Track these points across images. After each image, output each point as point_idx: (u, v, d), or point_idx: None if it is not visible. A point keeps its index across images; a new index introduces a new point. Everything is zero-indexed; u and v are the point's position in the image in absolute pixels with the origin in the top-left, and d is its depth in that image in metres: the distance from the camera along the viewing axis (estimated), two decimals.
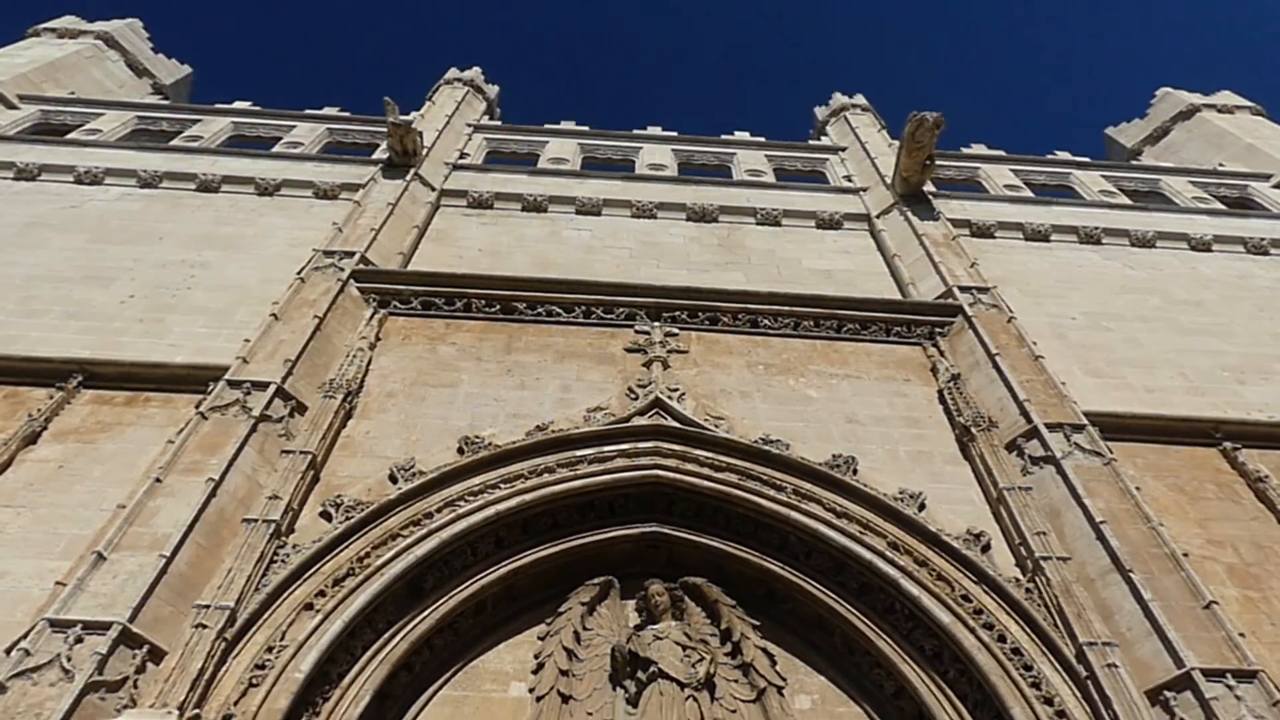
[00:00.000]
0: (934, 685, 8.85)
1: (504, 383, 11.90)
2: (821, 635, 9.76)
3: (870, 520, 9.86)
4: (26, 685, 7.15)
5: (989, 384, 12.05)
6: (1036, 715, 8.06)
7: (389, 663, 8.79)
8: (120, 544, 8.52)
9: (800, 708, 9.23)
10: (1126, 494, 10.26)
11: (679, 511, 10.43)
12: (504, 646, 9.64)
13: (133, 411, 11.21)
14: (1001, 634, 8.75)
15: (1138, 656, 8.43)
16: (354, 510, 9.46)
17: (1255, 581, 10.10)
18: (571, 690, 9.21)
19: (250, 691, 7.80)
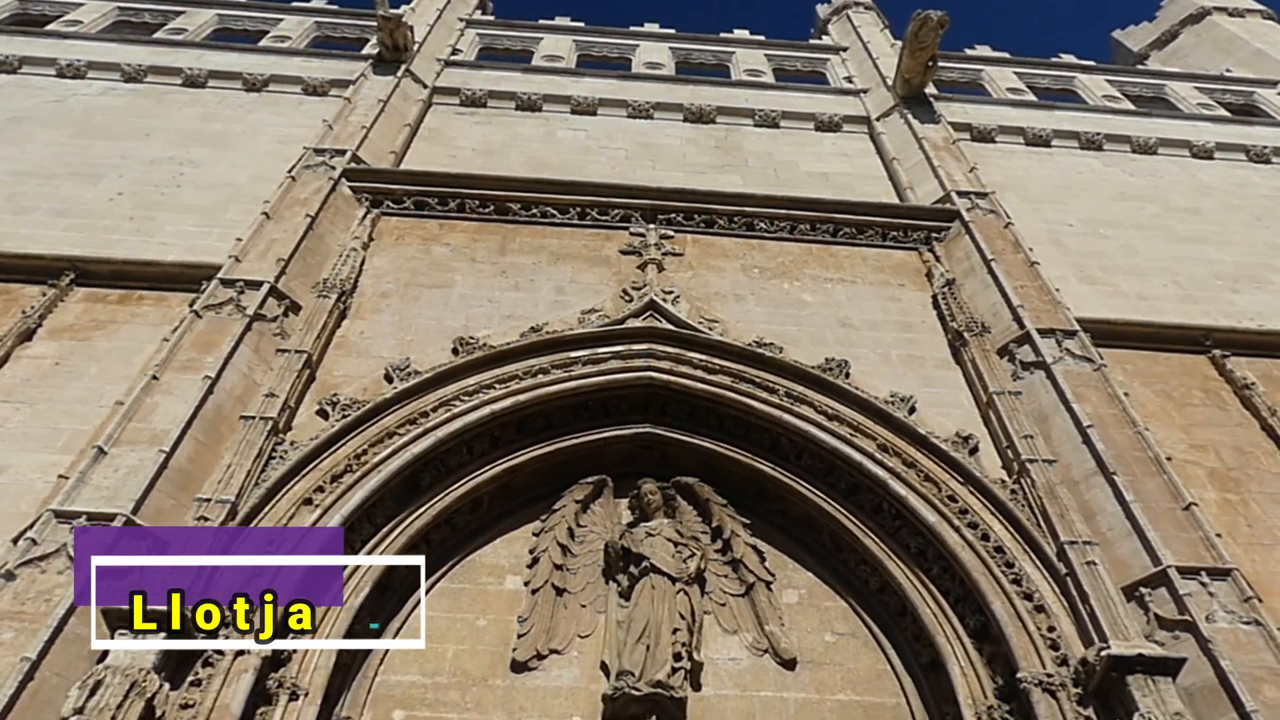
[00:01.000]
0: (918, 581, 9.11)
1: (498, 284, 11.88)
2: (810, 533, 10.00)
3: (861, 423, 9.99)
4: (35, 573, 7.32)
5: (983, 289, 12.08)
6: (1015, 609, 8.32)
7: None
8: (120, 439, 8.61)
9: (788, 601, 9.52)
10: (1114, 399, 10.40)
11: (672, 413, 10.56)
12: (500, 542, 9.86)
13: (126, 310, 11.19)
14: (985, 533, 8.96)
15: (1117, 555, 8.67)
16: (350, 409, 9.55)
17: (1235, 485, 10.33)
18: (566, 584, 9.47)
19: None
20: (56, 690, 6.63)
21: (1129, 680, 7.44)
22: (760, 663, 8.98)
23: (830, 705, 8.69)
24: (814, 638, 9.26)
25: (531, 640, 8.91)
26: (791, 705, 8.66)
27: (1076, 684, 7.74)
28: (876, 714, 8.66)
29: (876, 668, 9.03)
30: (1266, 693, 7.54)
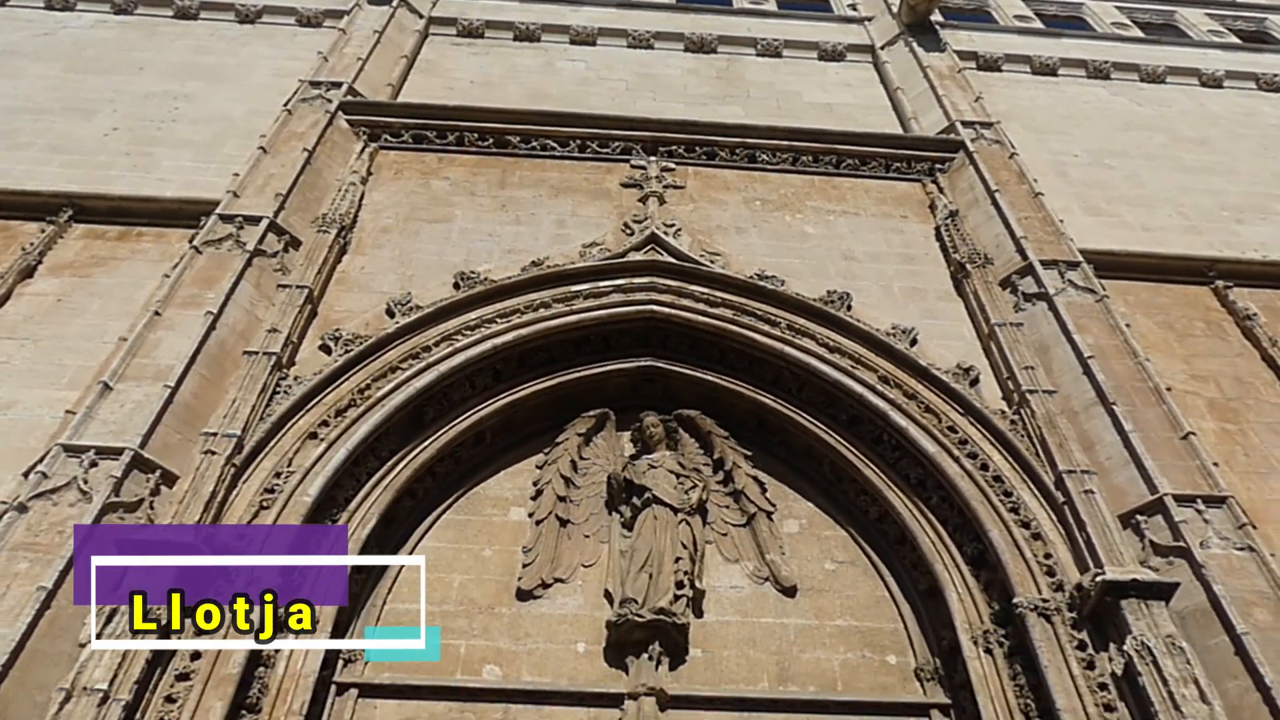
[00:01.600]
0: (917, 510, 9.23)
1: (498, 218, 11.81)
2: (811, 464, 10.10)
3: (862, 355, 10.02)
4: (47, 505, 7.43)
5: (987, 221, 12.01)
6: (1013, 536, 8.45)
7: (393, 489, 9.11)
8: (125, 374, 8.66)
9: (788, 531, 9.66)
10: (1116, 330, 10.41)
11: (674, 346, 10.58)
12: (503, 475, 9.98)
13: (126, 246, 11.15)
14: (984, 463, 9.05)
15: (1114, 484, 8.77)
16: (353, 344, 9.57)
17: (1233, 415, 10.39)
18: (569, 515, 9.60)
19: (261, 514, 8.10)
20: (73, 619, 6.77)
21: (1123, 604, 7.57)
22: (761, 590, 9.16)
23: (829, 630, 8.88)
24: (814, 566, 9.41)
25: (536, 570, 9.07)
26: (791, 631, 8.85)
27: (1071, 609, 7.88)
28: (874, 639, 8.85)
29: (875, 594, 9.20)
30: (1257, 615, 7.69)
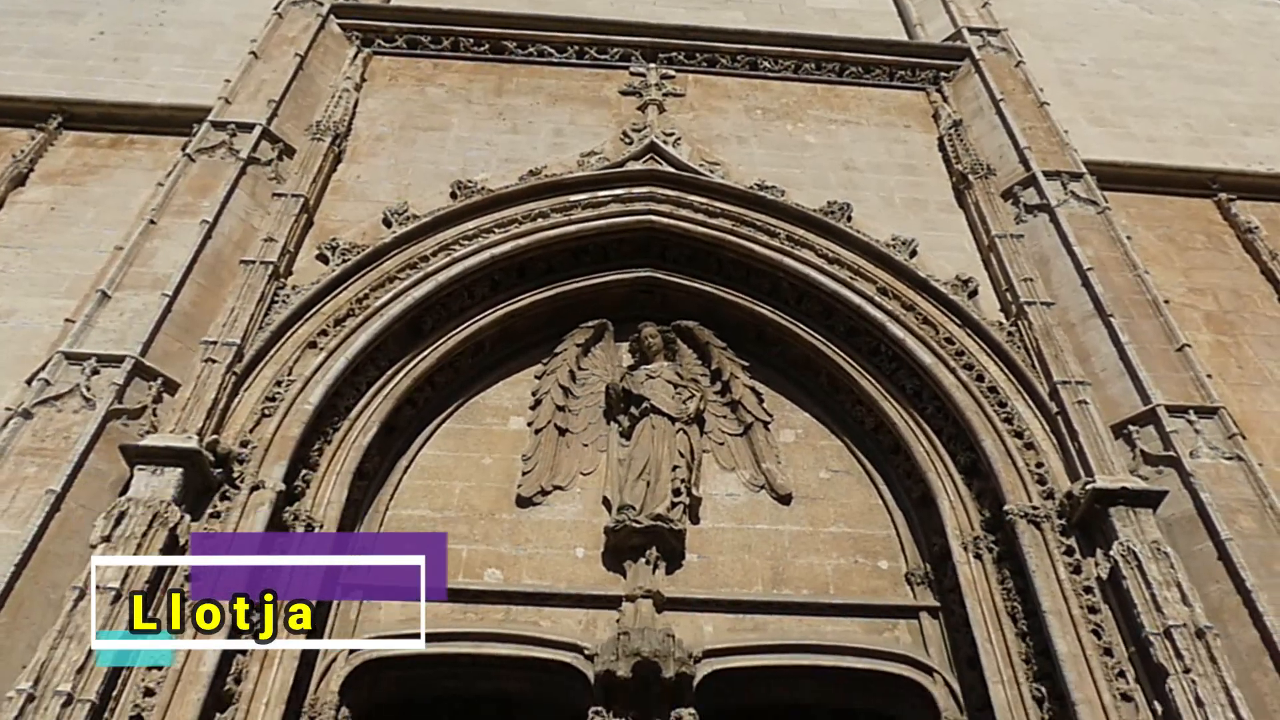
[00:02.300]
0: (911, 420, 9.34)
1: (495, 126, 11.63)
2: (808, 375, 10.17)
3: (862, 266, 9.99)
4: (51, 412, 7.51)
5: (990, 131, 11.83)
6: (1005, 446, 8.57)
7: (393, 397, 9.19)
8: (122, 283, 8.66)
9: (784, 441, 9.79)
10: (1116, 242, 10.37)
11: (672, 257, 10.55)
12: (503, 384, 10.05)
13: (118, 154, 11.02)
14: (980, 374, 9.12)
15: (1108, 395, 8.85)
16: (350, 253, 9.53)
17: (1230, 328, 10.43)
18: (568, 424, 9.71)
19: (264, 421, 8.19)
20: (83, 521, 6.91)
21: (1111, 512, 7.72)
22: (757, 498, 9.32)
23: (823, 537, 9.08)
24: (809, 475, 9.57)
25: (535, 477, 9.22)
26: (786, 537, 9.05)
27: (1060, 516, 8.04)
28: (867, 545, 9.05)
29: (869, 502, 9.37)
30: (1242, 522, 7.86)
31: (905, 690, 8.16)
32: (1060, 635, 7.29)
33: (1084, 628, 7.34)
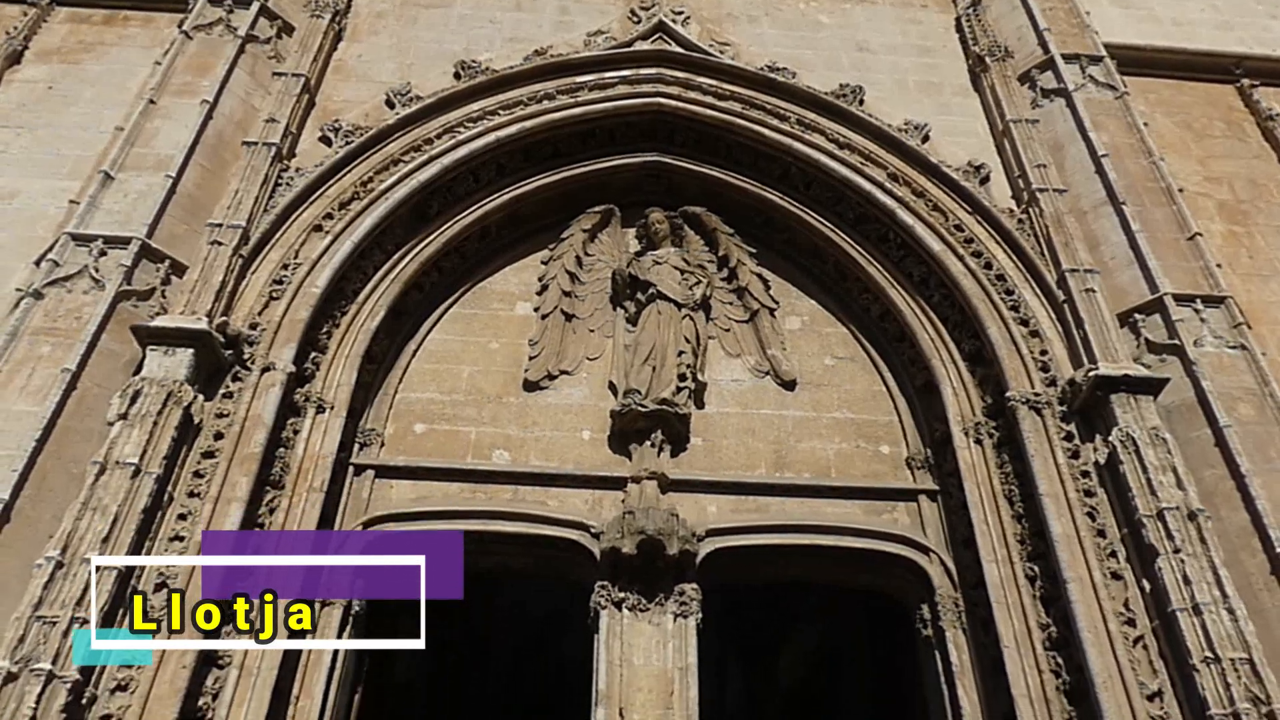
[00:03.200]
0: (918, 308, 9.35)
1: (499, 3, 11.28)
2: (815, 262, 10.14)
3: (872, 151, 9.83)
4: (62, 293, 7.56)
5: (1010, 11, 11.44)
6: (1010, 333, 8.60)
7: (400, 281, 9.21)
8: (125, 164, 8.58)
9: (790, 328, 9.84)
10: (1133, 129, 10.17)
11: (680, 141, 10.37)
12: (509, 270, 10.05)
13: (113, 31, 10.76)
14: (989, 261, 9.07)
15: (1116, 283, 8.82)
16: (353, 135, 9.39)
17: (1243, 217, 10.30)
18: (574, 310, 9.75)
19: (271, 304, 8.24)
20: (99, 400, 7.05)
21: (1112, 399, 7.80)
22: (761, 384, 9.42)
23: (826, 422, 9.21)
24: (814, 361, 9.64)
25: (542, 362, 9.31)
26: (790, 422, 9.18)
27: (1062, 403, 8.13)
28: (870, 430, 9.19)
29: (872, 389, 9.47)
30: (1240, 410, 7.95)
31: (902, 569, 8.42)
32: (1055, 517, 7.47)
33: (1079, 510, 7.51)
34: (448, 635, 13.03)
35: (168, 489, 6.87)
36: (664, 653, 7.62)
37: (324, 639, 7.38)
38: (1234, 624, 6.55)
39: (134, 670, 6.17)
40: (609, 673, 7.50)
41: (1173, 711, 6.54)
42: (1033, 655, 7.19)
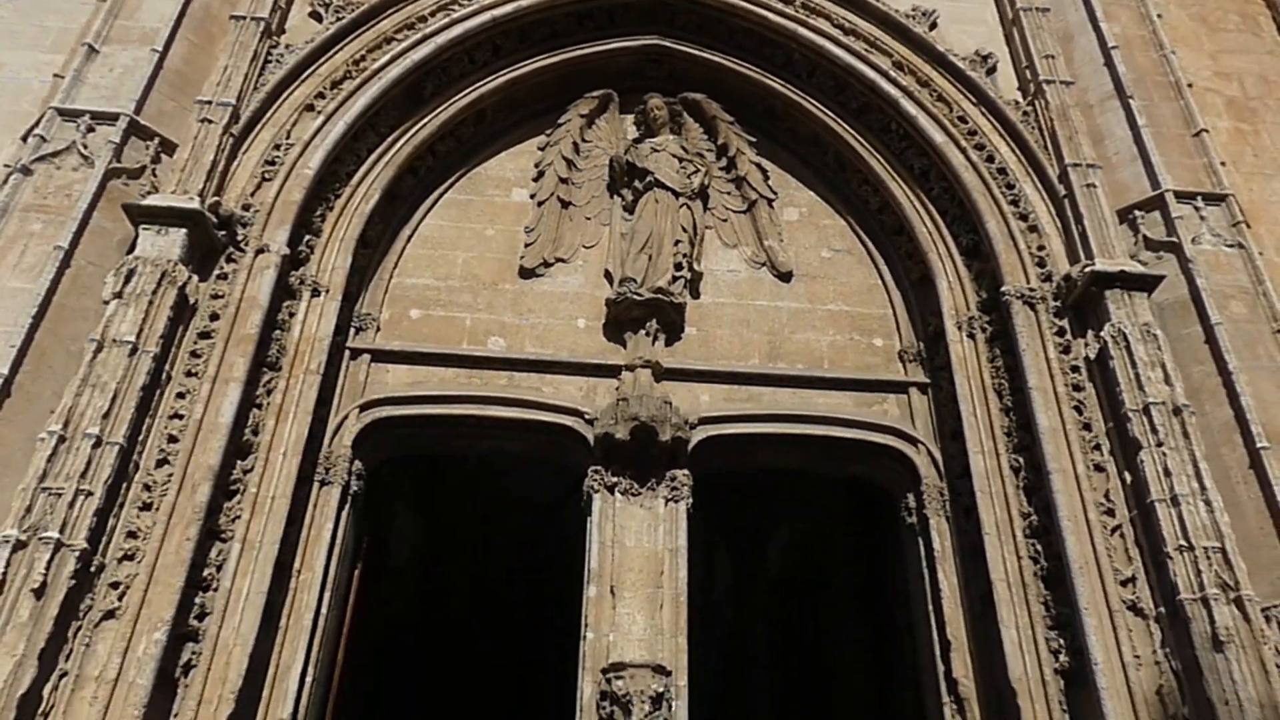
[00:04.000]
0: (917, 201, 9.27)
1: None
2: (815, 153, 9.99)
3: (878, 38, 9.56)
4: (51, 169, 7.46)
5: None
6: (1009, 228, 8.55)
7: (394, 165, 9.07)
8: (109, 37, 8.36)
9: (788, 219, 9.77)
10: (1146, 20, 9.92)
11: (681, 24, 10.05)
12: (505, 155, 9.89)
13: None
14: (991, 154, 8.94)
15: (1118, 179, 8.74)
16: (344, 10, 9.10)
17: (1251, 115, 10.12)
18: (571, 197, 9.64)
19: (264, 185, 8.13)
20: (93, 278, 7.03)
21: (1106, 295, 7.82)
22: (757, 275, 9.41)
23: (821, 314, 9.25)
24: (811, 253, 9.61)
25: (538, 249, 9.27)
26: (784, 314, 9.21)
27: (1056, 298, 8.15)
28: (863, 323, 9.24)
29: (868, 282, 9.48)
30: (1233, 308, 7.99)
31: (890, 459, 8.60)
32: (1043, 410, 7.59)
33: (1066, 404, 7.63)
34: (446, 522, 13.39)
35: (165, 368, 6.92)
36: (655, 535, 7.83)
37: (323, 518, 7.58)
38: (1210, 515, 6.74)
39: (139, 541, 6.34)
40: (601, 553, 7.72)
41: (1144, 595, 6.78)
42: (1013, 542, 7.41)
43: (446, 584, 14.86)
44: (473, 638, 15.18)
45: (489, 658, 15.27)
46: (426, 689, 13.97)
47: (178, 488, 6.56)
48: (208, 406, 6.92)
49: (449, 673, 14.69)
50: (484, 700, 14.89)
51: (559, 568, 10.20)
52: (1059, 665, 6.85)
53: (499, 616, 15.38)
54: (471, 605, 15.16)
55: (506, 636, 15.38)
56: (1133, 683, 6.46)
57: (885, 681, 9.51)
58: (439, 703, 14.27)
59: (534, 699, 14.45)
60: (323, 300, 8.13)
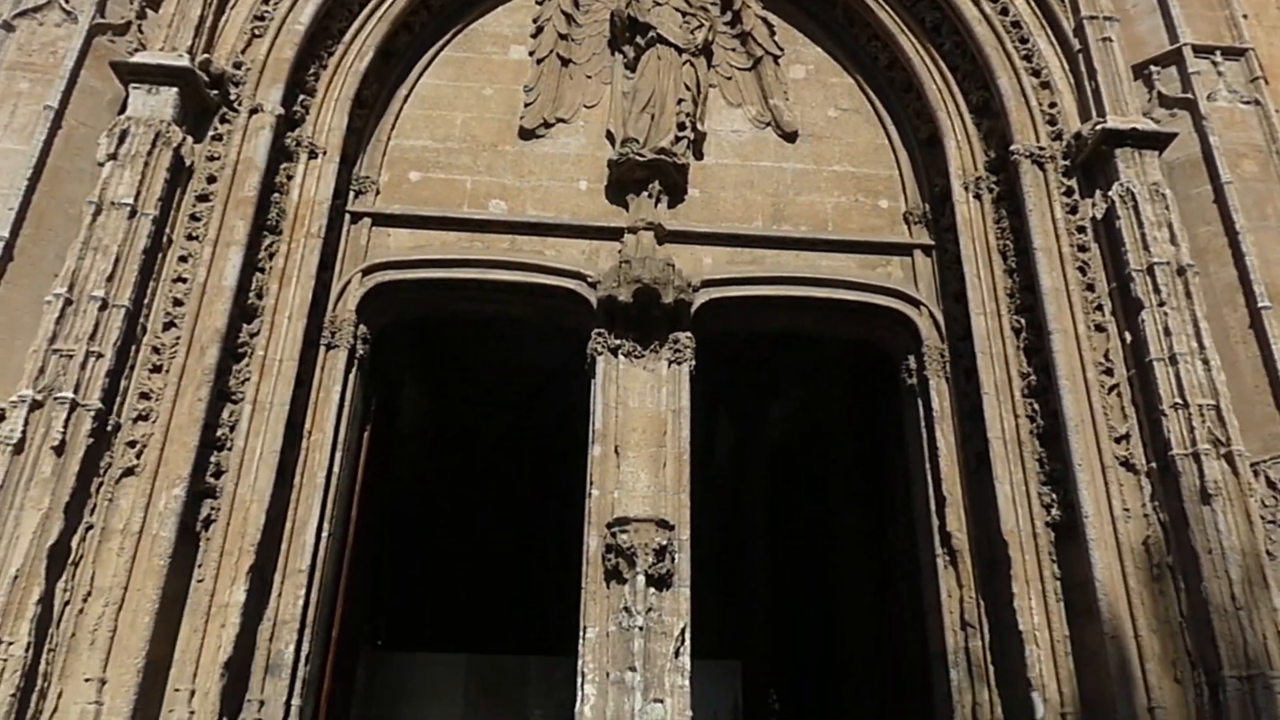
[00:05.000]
0: (927, 56, 8.99)
1: None
2: (823, 7, 9.62)
3: None
4: (33, 25, 7.23)
5: None
6: (1021, 84, 8.33)
7: (388, 20, 8.75)
8: None
9: (794, 77, 9.50)
10: None
11: None
12: (502, 10, 9.53)
13: None
14: (1005, 7, 8.62)
15: (1135, 32, 8.48)
16: None
17: None
18: (571, 54, 9.34)
19: (255, 42, 7.89)
20: (86, 139, 6.91)
21: (1117, 153, 7.69)
22: (762, 135, 9.22)
23: (826, 175, 9.11)
24: (817, 113, 9.39)
25: (538, 109, 9.05)
26: (789, 175, 9.07)
27: (1066, 157, 8.02)
28: (869, 184, 9.11)
29: (875, 142, 9.29)
30: (1244, 167, 7.89)
31: (893, 322, 8.65)
32: (1047, 271, 7.58)
33: (1071, 265, 7.62)
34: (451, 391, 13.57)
35: (166, 231, 6.88)
36: (658, 396, 7.95)
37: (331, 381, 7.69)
38: (1206, 373, 6.83)
39: (153, 402, 6.45)
40: (605, 414, 7.86)
41: (1137, 452, 6.94)
42: (1010, 402, 7.54)
43: (452, 451, 15.19)
44: (478, 502, 15.62)
45: (494, 520, 15.76)
46: (432, 554, 14.48)
47: (186, 350, 6.63)
48: (210, 270, 6.92)
49: (455, 537, 15.20)
50: (490, 561, 15.46)
51: (564, 432, 10.41)
52: (1050, 519, 7.08)
53: (503, 481, 15.78)
54: (476, 471, 15.52)
55: (511, 501, 15.83)
56: (1120, 534, 6.69)
57: (880, 539, 9.82)
58: (445, 563, 14.82)
59: (539, 558, 15.00)
60: (320, 162, 8.01)
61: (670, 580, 7.24)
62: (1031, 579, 6.97)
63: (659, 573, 7.17)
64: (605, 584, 7.24)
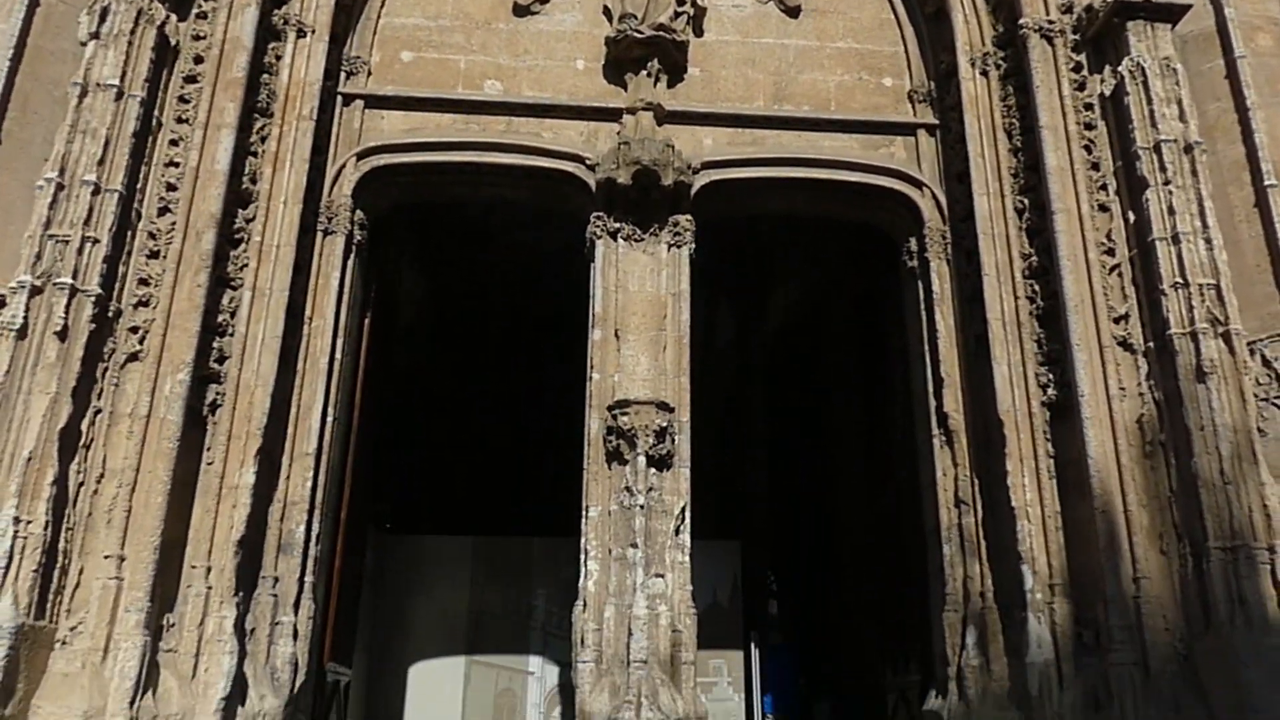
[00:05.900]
0: None
1: None
2: None
3: None
4: None
5: None
6: None
7: None
8: None
9: None
10: None
11: None
12: None
13: None
14: None
15: None
16: None
17: None
18: None
19: None
20: (66, 18, 6.71)
21: (1128, 26, 7.47)
22: (764, 10, 8.93)
23: (829, 52, 8.87)
24: None
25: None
26: (791, 52, 8.83)
27: (1075, 31, 7.79)
28: (873, 61, 8.88)
29: (880, 17, 9.01)
30: (1259, 40, 7.69)
31: (894, 203, 8.55)
32: (1052, 150, 7.45)
33: (1076, 143, 7.49)
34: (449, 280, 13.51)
35: (155, 114, 6.75)
36: (658, 279, 7.93)
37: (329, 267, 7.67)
38: (1209, 252, 6.80)
39: (152, 288, 6.45)
40: (605, 298, 7.86)
41: (1135, 332, 6.97)
42: (1011, 283, 7.52)
43: (451, 340, 15.22)
44: (476, 393, 15.75)
45: (494, 409, 15.93)
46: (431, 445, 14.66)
47: (182, 235, 6.59)
48: (203, 153, 6.80)
49: (455, 427, 15.38)
50: (490, 451, 15.69)
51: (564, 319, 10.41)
52: (1046, 398, 7.16)
53: (502, 370, 15.87)
54: (475, 361, 15.59)
55: (510, 391, 15.95)
56: (1115, 413, 6.77)
57: (879, 421, 9.94)
58: (445, 454, 15.04)
59: (539, 445, 15.22)
60: (309, 41, 7.77)
61: (670, 461, 7.38)
62: (1026, 457, 7.09)
63: (659, 454, 7.29)
64: (607, 465, 7.37)
